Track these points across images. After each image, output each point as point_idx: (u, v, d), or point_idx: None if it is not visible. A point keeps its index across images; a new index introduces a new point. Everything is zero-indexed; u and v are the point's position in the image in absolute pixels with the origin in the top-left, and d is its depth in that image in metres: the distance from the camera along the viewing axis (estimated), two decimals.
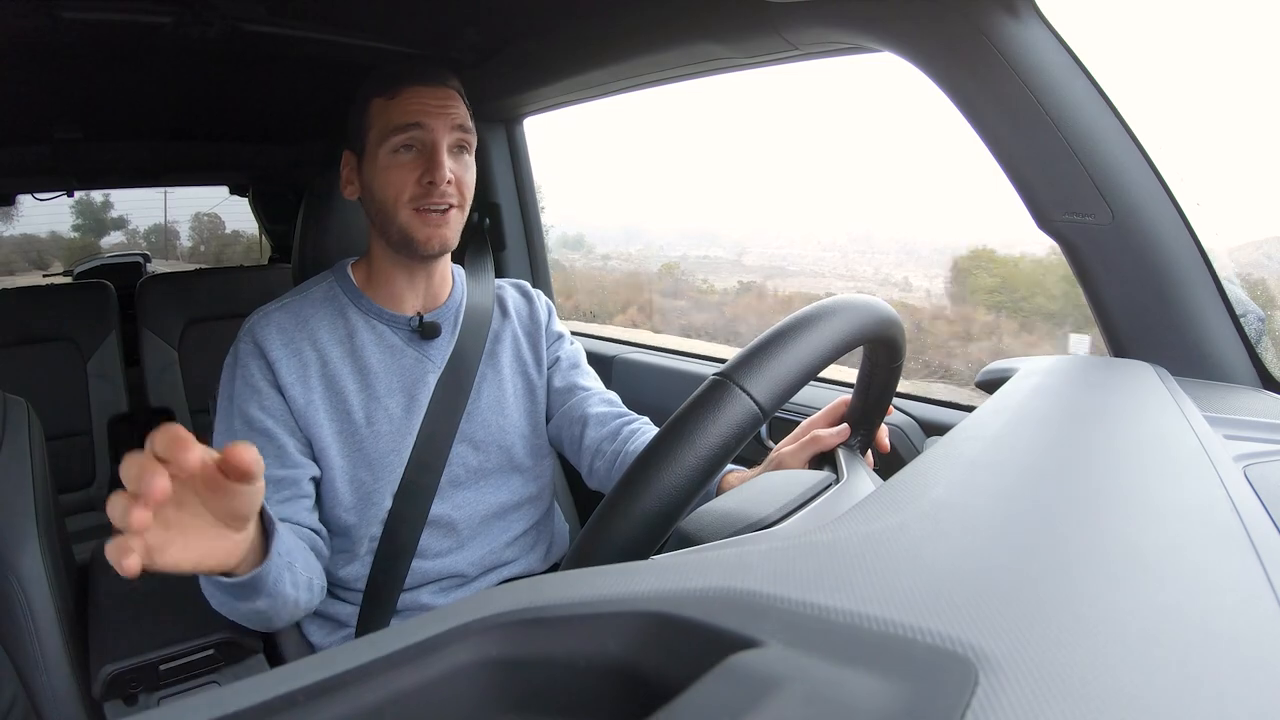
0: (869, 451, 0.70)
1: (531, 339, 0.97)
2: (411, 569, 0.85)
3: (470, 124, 0.84)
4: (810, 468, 0.69)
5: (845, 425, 0.68)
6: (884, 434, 0.71)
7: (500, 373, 0.93)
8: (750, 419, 0.41)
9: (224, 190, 2.80)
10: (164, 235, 4.46)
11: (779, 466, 0.70)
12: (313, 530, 0.80)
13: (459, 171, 0.82)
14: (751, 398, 0.41)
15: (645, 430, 0.91)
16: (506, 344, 0.95)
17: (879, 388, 0.63)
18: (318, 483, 0.83)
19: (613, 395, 0.98)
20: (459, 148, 0.83)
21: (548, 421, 0.98)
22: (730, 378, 0.42)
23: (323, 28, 1.15)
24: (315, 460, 0.82)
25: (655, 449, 0.40)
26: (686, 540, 0.45)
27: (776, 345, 0.44)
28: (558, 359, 0.99)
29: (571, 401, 0.96)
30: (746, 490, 0.50)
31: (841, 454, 0.64)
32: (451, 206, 0.82)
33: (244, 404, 0.80)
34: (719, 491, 0.77)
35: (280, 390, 0.81)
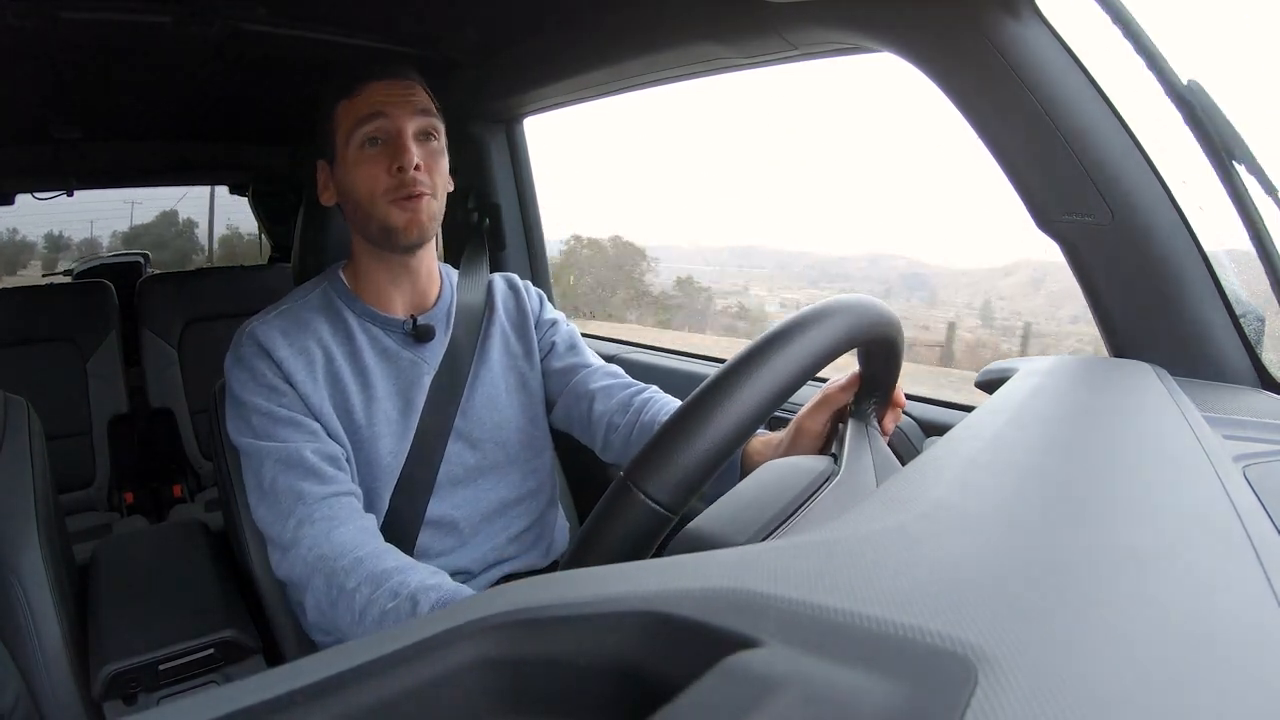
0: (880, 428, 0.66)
1: (520, 330, 0.97)
2: None
3: (435, 111, 0.85)
4: (829, 429, 0.67)
5: (855, 375, 0.66)
6: (900, 391, 0.68)
7: (491, 368, 0.93)
8: (657, 523, 0.39)
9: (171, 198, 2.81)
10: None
11: (800, 431, 0.70)
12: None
13: (427, 159, 0.82)
14: (654, 502, 0.39)
15: (657, 399, 0.89)
16: (495, 339, 0.94)
17: (880, 360, 0.61)
18: None
19: (615, 368, 0.97)
20: (425, 135, 0.83)
21: (552, 408, 0.98)
22: (632, 480, 0.40)
23: (323, 28, 1.15)
24: None
25: (568, 561, 0.40)
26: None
27: (680, 433, 0.40)
28: (553, 344, 0.98)
29: (574, 380, 0.95)
30: (728, 505, 0.49)
31: (850, 434, 0.61)
32: (424, 194, 0.82)
33: (259, 400, 0.80)
34: (743, 460, 0.76)
35: (293, 385, 0.81)
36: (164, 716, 0.21)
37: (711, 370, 0.50)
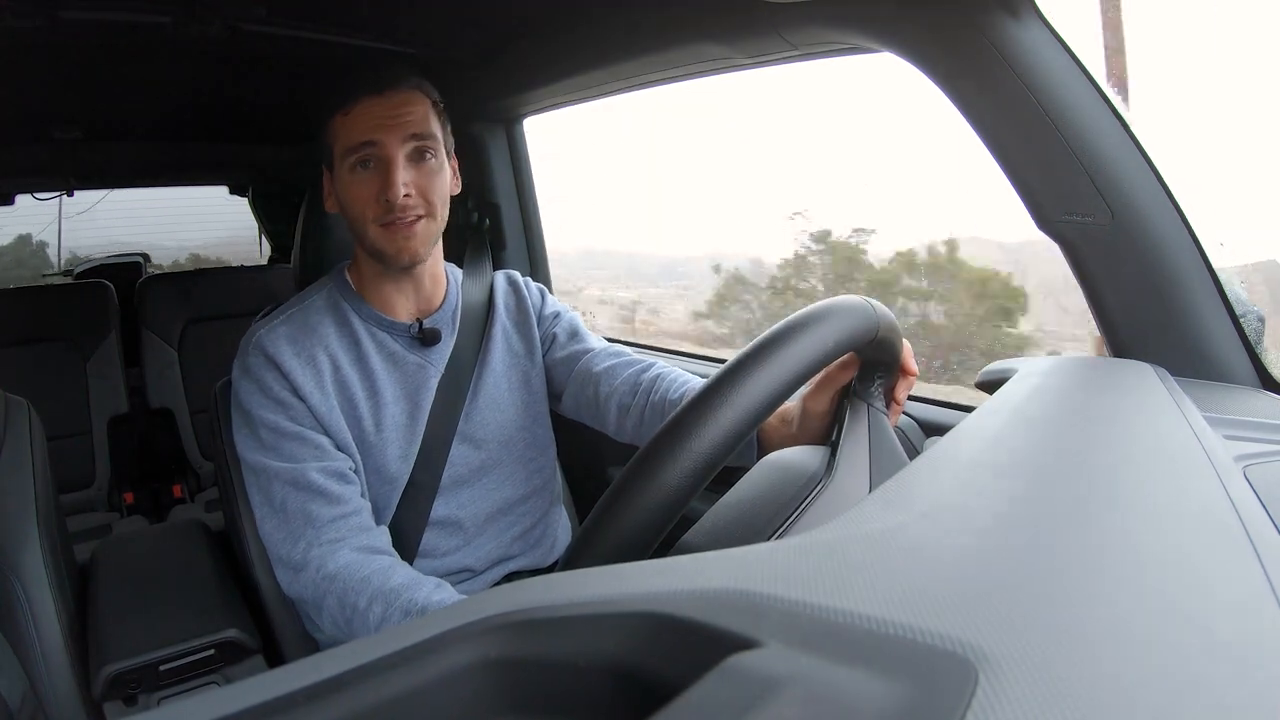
0: (888, 413, 0.64)
1: (521, 328, 0.97)
2: (419, 568, 0.85)
3: (430, 127, 0.82)
4: (835, 408, 0.66)
5: (852, 356, 0.64)
6: (909, 355, 0.65)
7: (494, 368, 0.93)
8: None
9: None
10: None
11: (805, 414, 0.70)
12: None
13: (420, 180, 0.81)
14: None
15: (665, 376, 0.88)
16: (497, 338, 0.94)
17: (871, 349, 0.59)
18: None
19: (619, 348, 0.96)
20: (419, 155, 0.82)
21: (560, 398, 0.97)
22: (574, 566, 0.40)
23: (323, 28, 1.15)
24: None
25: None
26: None
27: (617, 515, 0.40)
28: (554, 335, 0.98)
29: (578, 366, 0.95)
30: (720, 518, 0.48)
31: (848, 424, 0.59)
32: (419, 218, 0.81)
33: (266, 414, 0.80)
34: (760, 435, 0.76)
35: (301, 398, 0.80)
36: (164, 717, 0.21)
37: (711, 370, 0.50)
